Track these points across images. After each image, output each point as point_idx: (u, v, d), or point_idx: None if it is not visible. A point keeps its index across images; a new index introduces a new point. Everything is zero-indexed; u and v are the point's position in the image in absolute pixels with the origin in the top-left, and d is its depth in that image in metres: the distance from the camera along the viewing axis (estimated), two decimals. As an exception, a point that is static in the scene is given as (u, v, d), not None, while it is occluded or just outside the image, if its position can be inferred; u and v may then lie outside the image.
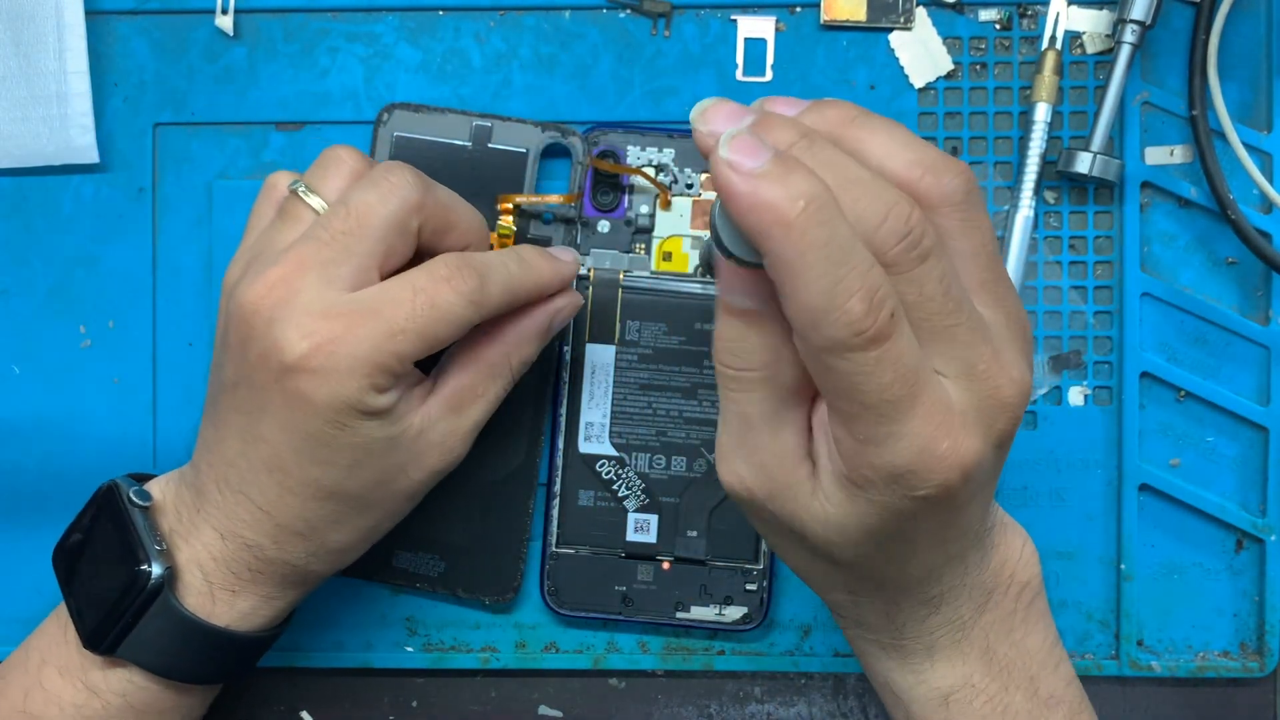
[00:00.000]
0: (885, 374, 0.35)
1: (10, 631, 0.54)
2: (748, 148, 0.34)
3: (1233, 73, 0.53)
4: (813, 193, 0.34)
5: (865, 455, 0.36)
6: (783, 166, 0.34)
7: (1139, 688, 0.54)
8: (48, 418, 0.54)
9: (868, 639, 0.45)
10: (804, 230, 0.34)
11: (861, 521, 0.38)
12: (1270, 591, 0.53)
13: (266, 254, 0.44)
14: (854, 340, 0.34)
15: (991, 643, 0.43)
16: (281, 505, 0.44)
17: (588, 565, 0.53)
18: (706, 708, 0.55)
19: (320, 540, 0.45)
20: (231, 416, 0.43)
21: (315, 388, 0.41)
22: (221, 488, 0.44)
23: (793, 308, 0.35)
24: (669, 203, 0.53)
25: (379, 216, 0.43)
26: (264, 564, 0.45)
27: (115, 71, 0.54)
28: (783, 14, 0.53)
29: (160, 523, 0.46)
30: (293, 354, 0.41)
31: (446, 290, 0.43)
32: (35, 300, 0.54)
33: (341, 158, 0.45)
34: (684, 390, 0.53)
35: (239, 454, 0.43)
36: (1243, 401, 0.53)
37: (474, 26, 0.54)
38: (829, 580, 0.43)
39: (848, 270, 0.34)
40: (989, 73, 0.53)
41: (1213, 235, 0.53)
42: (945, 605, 0.42)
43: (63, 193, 0.54)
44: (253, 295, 0.42)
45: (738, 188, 0.34)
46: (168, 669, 0.45)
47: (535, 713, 0.55)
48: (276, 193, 0.47)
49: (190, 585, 0.45)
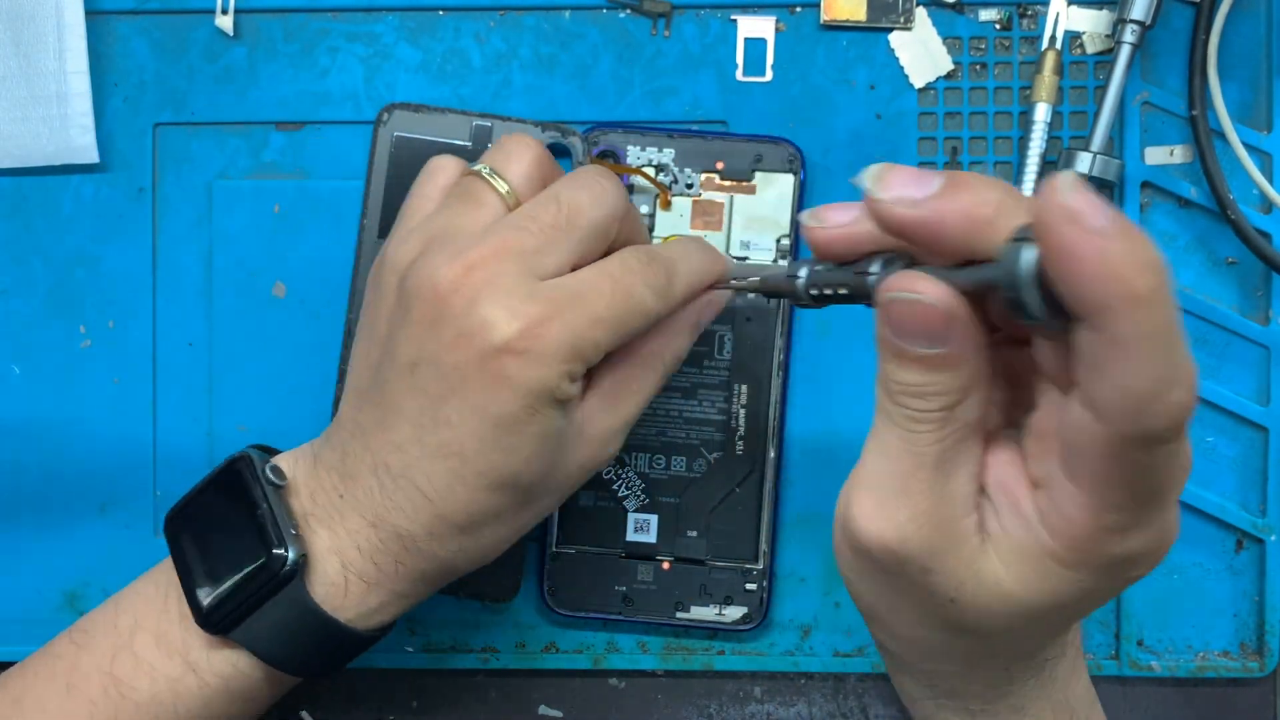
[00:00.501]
0: (1175, 465, 0.32)
1: (10, 631, 0.54)
2: (1091, 200, 0.29)
3: (1233, 73, 0.53)
4: (1160, 265, 0.29)
5: (1100, 541, 0.33)
6: (1129, 228, 0.29)
7: (1139, 688, 0.54)
8: (48, 418, 0.54)
9: (951, 707, 0.42)
10: (1151, 308, 0.29)
11: (1047, 596, 0.35)
12: (1270, 591, 0.53)
13: (453, 235, 0.42)
14: (1169, 433, 0.31)
15: (1066, 692, 0.42)
16: (449, 494, 0.42)
17: (588, 565, 0.53)
18: (706, 708, 0.55)
19: (475, 535, 0.43)
20: (406, 398, 0.41)
21: (518, 370, 0.40)
22: (380, 473, 0.42)
23: (1109, 389, 0.30)
24: (669, 203, 0.53)
25: (588, 218, 0.43)
26: (411, 556, 0.43)
27: (115, 71, 0.54)
28: (783, 14, 0.53)
29: (293, 504, 0.43)
30: (501, 335, 0.40)
31: (639, 283, 0.42)
32: (35, 300, 0.54)
33: (527, 143, 0.45)
34: (684, 390, 0.53)
35: (411, 438, 0.42)
36: (1243, 401, 0.53)
37: (474, 26, 0.54)
38: (947, 650, 0.39)
39: (1185, 358, 0.30)
40: (989, 73, 0.53)
41: (1213, 235, 0.53)
42: (1049, 667, 0.41)
43: (63, 193, 0.54)
44: (450, 275, 0.41)
45: (1084, 248, 0.28)
46: (278, 659, 0.43)
47: (535, 713, 0.55)
48: (443, 175, 0.46)
49: (323, 574, 0.43)
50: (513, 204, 0.44)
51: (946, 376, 0.34)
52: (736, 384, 0.53)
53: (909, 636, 0.39)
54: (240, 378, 0.54)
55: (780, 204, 0.53)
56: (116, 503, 0.54)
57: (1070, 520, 0.33)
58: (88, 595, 0.54)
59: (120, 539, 0.54)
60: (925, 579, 0.35)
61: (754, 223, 0.53)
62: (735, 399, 0.53)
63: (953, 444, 0.35)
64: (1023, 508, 0.34)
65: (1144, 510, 0.33)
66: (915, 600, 0.36)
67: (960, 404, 0.34)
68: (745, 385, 0.53)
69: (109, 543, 0.54)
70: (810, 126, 0.53)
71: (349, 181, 0.54)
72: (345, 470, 0.43)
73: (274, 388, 0.54)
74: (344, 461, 0.43)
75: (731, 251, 0.53)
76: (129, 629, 0.44)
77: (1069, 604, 0.35)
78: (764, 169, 0.53)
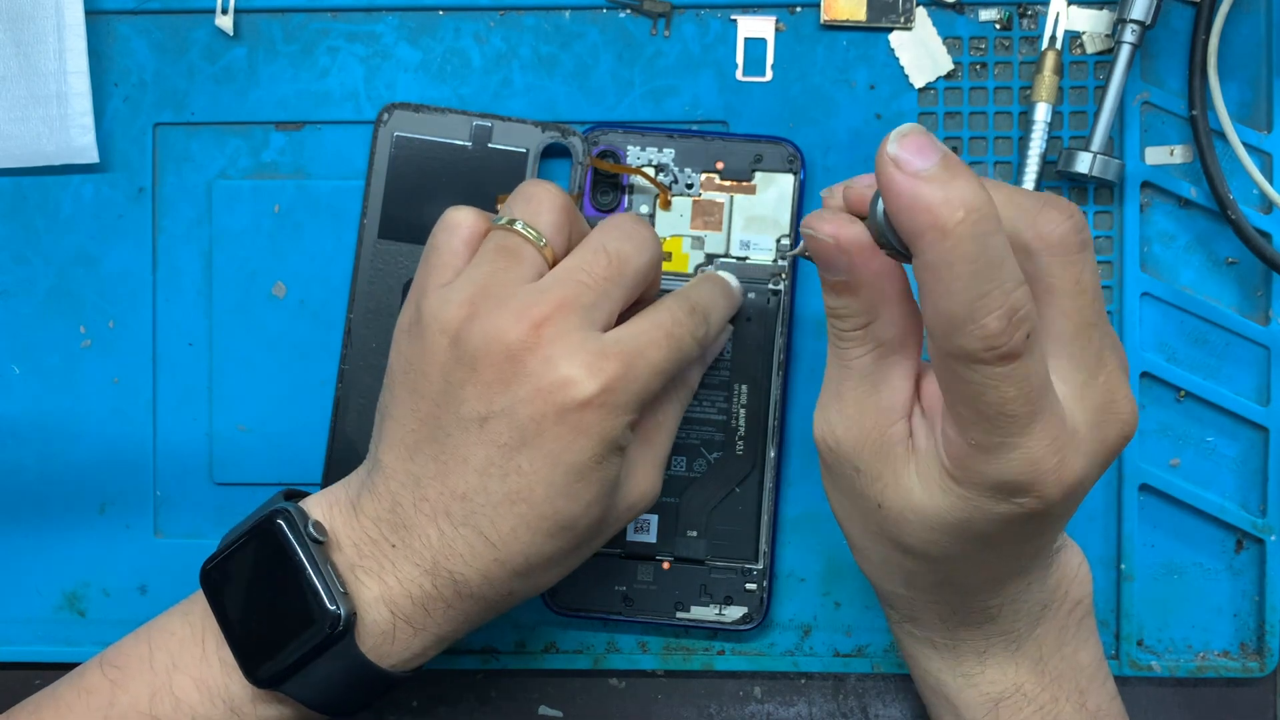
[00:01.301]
0: (1010, 390, 0.36)
1: (10, 631, 0.54)
2: (918, 147, 0.35)
3: (1233, 73, 0.53)
4: (975, 203, 0.34)
5: (973, 460, 0.37)
6: (949, 172, 0.34)
7: (1139, 688, 0.54)
8: (48, 418, 0.54)
9: (918, 637, 0.45)
10: (958, 240, 0.34)
11: (948, 513, 0.39)
12: (1270, 591, 0.53)
13: (505, 292, 0.44)
14: (985, 354, 0.35)
15: (1044, 654, 0.44)
16: (513, 539, 0.43)
17: (588, 565, 0.53)
18: (706, 708, 0.55)
19: (529, 579, 0.44)
20: (475, 450, 0.43)
21: (597, 422, 0.42)
22: (440, 520, 0.43)
23: (930, 311, 0.36)
24: (669, 203, 0.53)
25: (634, 267, 0.45)
26: (462, 600, 0.44)
27: (115, 71, 0.54)
28: (783, 14, 0.53)
29: (336, 558, 0.44)
30: (585, 391, 0.42)
31: (687, 334, 0.45)
32: (35, 300, 0.54)
33: (551, 191, 0.46)
34: (684, 390, 0.53)
35: (477, 487, 0.43)
36: (1243, 401, 0.53)
37: (474, 26, 0.54)
38: (889, 566, 0.43)
39: (993, 285, 0.34)
40: (989, 73, 0.53)
41: (1213, 235, 0.53)
42: (1002, 617, 0.43)
43: (63, 193, 0.54)
44: (519, 333, 0.42)
45: (899, 185, 0.35)
46: (324, 705, 0.44)
47: (535, 713, 0.55)
48: (465, 229, 0.46)
49: (372, 625, 0.44)
50: (548, 255, 0.45)
51: (851, 300, 0.40)
52: (736, 384, 0.53)
53: (862, 547, 0.43)
54: (240, 378, 0.54)
55: (780, 204, 0.53)
56: (116, 503, 0.54)
57: (950, 438, 0.38)
58: (88, 595, 0.54)
59: (120, 539, 0.54)
60: (858, 480, 0.41)
61: (754, 223, 0.53)
62: (735, 399, 0.53)
63: (874, 359, 0.41)
64: (937, 429, 0.39)
65: (998, 431, 0.36)
66: (856, 504, 0.42)
67: (871, 324, 0.40)
68: (745, 385, 0.53)
69: (109, 543, 0.54)
70: (810, 126, 0.53)
71: (349, 181, 0.54)
72: (398, 520, 0.44)
73: (274, 388, 0.54)
74: (394, 512, 0.44)
75: (731, 251, 0.53)
76: (165, 669, 0.45)
77: (963, 521, 0.39)
78: (764, 169, 0.53)
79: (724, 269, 0.52)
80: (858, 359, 0.41)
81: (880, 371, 0.41)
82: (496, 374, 0.43)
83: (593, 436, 0.43)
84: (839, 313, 0.41)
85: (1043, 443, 0.37)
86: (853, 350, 0.41)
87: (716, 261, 0.52)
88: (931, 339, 0.36)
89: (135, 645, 0.45)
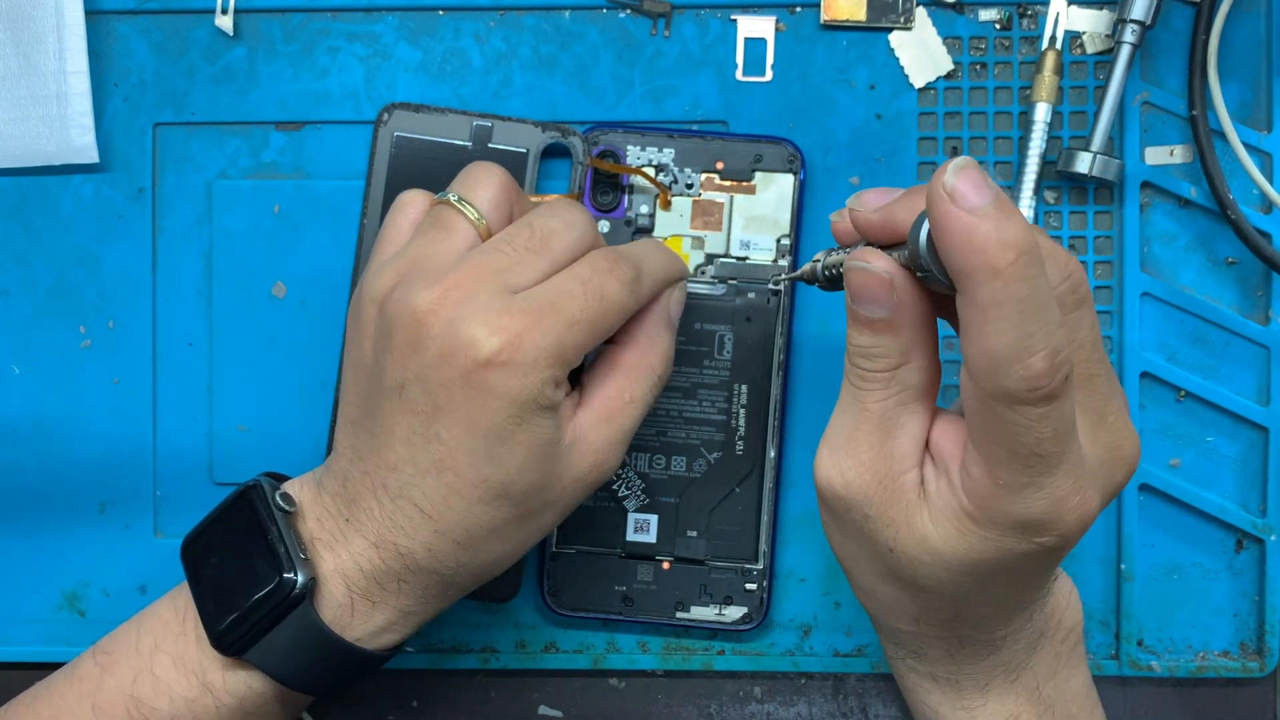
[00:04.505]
0: (1046, 430, 0.36)
1: (10, 632, 0.54)
2: (975, 182, 0.35)
3: (1233, 73, 0.53)
4: (1026, 244, 0.34)
5: (999, 499, 0.38)
6: (1003, 211, 0.34)
7: (1139, 688, 0.54)
8: (48, 418, 0.54)
9: (921, 672, 0.46)
10: (1008, 282, 0.34)
11: (965, 554, 0.39)
12: (1270, 591, 0.53)
13: (426, 263, 0.44)
14: (1028, 395, 0.35)
15: (1039, 682, 0.45)
16: (446, 508, 0.43)
17: (588, 565, 0.53)
18: (706, 708, 0.55)
19: (474, 551, 0.44)
20: (398, 420, 0.43)
21: (503, 380, 0.42)
22: (380, 494, 0.44)
23: (974, 350, 0.36)
24: (669, 203, 0.53)
25: (561, 241, 0.44)
26: (412, 574, 0.44)
27: (115, 71, 0.54)
28: (783, 14, 0.53)
29: (301, 529, 0.45)
30: (485, 350, 0.41)
31: (610, 280, 0.44)
32: (35, 300, 0.54)
33: (492, 170, 0.46)
34: (684, 390, 0.53)
35: (405, 458, 0.43)
36: (1243, 401, 0.53)
37: (474, 26, 0.54)
38: (898, 605, 0.43)
39: (1038, 327, 0.35)
40: (989, 73, 0.53)
41: (1213, 235, 0.53)
42: (1005, 647, 0.44)
43: (63, 193, 0.54)
44: (428, 298, 0.42)
45: (955, 222, 0.34)
46: (290, 678, 0.45)
47: (535, 713, 0.55)
48: (413, 208, 0.47)
49: (330, 596, 0.44)
50: (482, 230, 0.45)
51: (889, 340, 0.39)
52: (736, 384, 0.53)
53: (869, 588, 0.43)
54: (240, 378, 0.54)
55: (780, 204, 0.53)
56: (116, 503, 0.54)
57: (975, 479, 0.38)
58: (88, 595, 0.54)
59: (120, 539, 0.54)
60: (866, 525, 0.40)
61: (754, 223, 0.53)
62: (735, 399, 0.53)
63: (895, 405, 0.40)
64: (953, 472, 0.39)
65: (1028, 471, 0.37)
66: (864, 547, 0.41)
67: (901, 367, 0.40)
68: (745, 385, 0.53)
69: (109, 543, 0.54)
70: (810, 126, 0.53)
71: (349, 181, 0.54)
72: (347, 495, 0.45)
73: (274, 388, 0.54)
74: (345, 487, 0.45)
75: (732, 251, 0.53)
76: (149, 650, 0.46)
77: (980, 561, 0.39)
78: (764, 169, 0.53)
79: (724, 269, 0.52)
80: (878, 402, 0.40)
81: (897, 418, 0.40)
82: (406, 340, 0.42)
83: (502, 397, 0.42)
84: (869, 352, 0.40)
85: (1068, 482, 0.37)
86: (875, 393, 0.40)
87: (717, 261, 0.52)
88: (972, 378, 0.36)
89: (125, 632, 0.47)
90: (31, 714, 0.46)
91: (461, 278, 0.43)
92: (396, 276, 0.44)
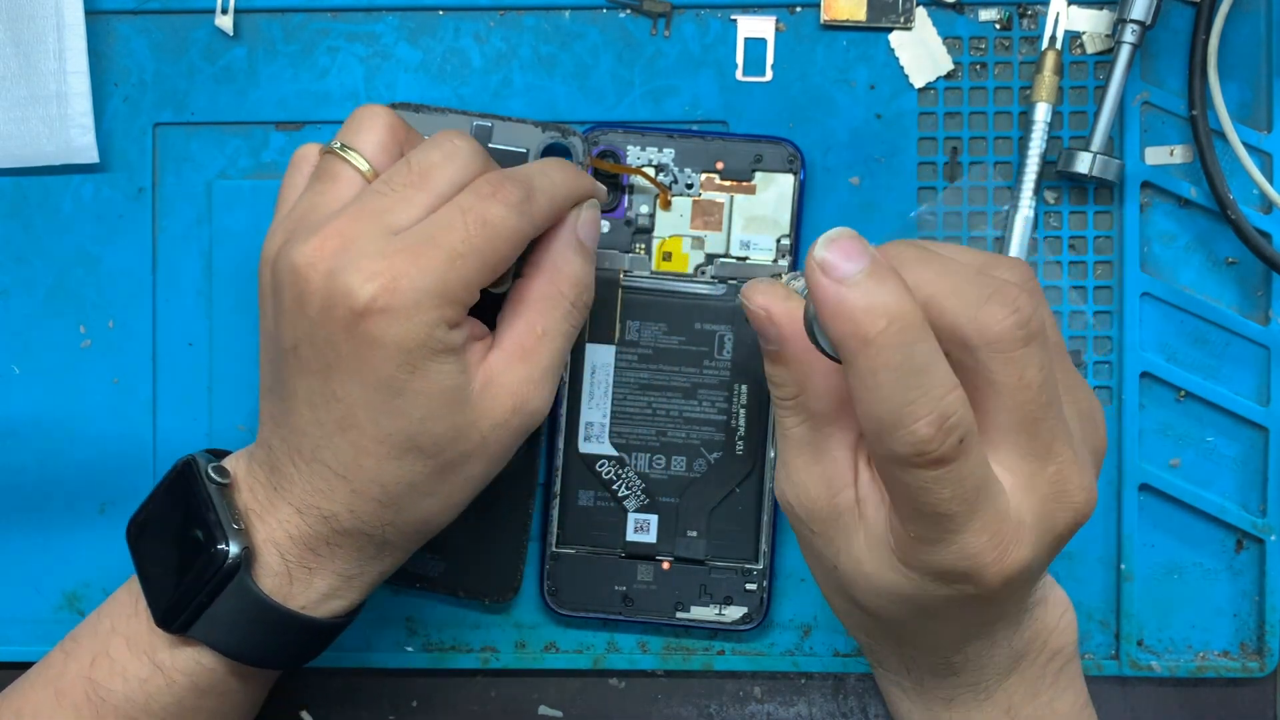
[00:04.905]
0: (945, 491, 0.35)
1: (10, 631, 0.54)
2: (845, 250, 0.34)
3: (1233, 73, 0.53)
4: (897, 311, 0.34)
5: (914, 550, 0.37)
6: (874, 279, 0.34)
7: (1139, 688, 0.54)
8: (48, 418, 0.54)
9: (889, 678, 0.45)
10: (880, 350, 0.34)
11: (895, 588, 0.39)
12: (1270, 591, 0.53)
13: (312, 216, 0.43)
14: (916, 460, 0.35)
15: (1014, 703, 0.43)
16: (357, 467, 0.42)
17: (588, 565, 0.53)
18: (706, 708, 0.55)
19: (397, 509, 0.43)
20: (297, 381, 0.42)
21: (386, 328, 0.40)
22: (296, 460, 0.43)
23: (861, 413, 0.35)
24: (669, 203, 0.53)
25: (443, 174, 0.42)
26: (340, 536, 0.43)
27: (115, 71, 0.54)
28: (783, 14, 0.53)
29: (236, 500, 0.44)
30: (361, 298, 0.40)
31: (494, 204, 0.42)
32: (35, 300, 0.54)
33: (377, 111, 0.44)
34: (684, 390, 0.53)
35: (310, 420, 0.42)
36: (1243, 401, 0.53)
37: (474, 26, 0.54)
38: (851, 618, 0.43)
39: (920, 394, 0.34)
40: (989, 73, 0.53)
41: (1213, 235, 0.53)
42: (966, 671, 0.43)
43: (63, 193, 0.54)
44: (306, 251, 0.41)
45: (824, 293, 0.34)
46: (238, 651, 0.44)
47: (535, 713, 0.55)
48: (307, 164, 0.46)
49: (268, 566, 0.43)
50: (370, 177, 0.43)
51: (783, 370, 0.40)
52: (736, 384, 0.53)
53: (827, 596, 0.43)
54: (240, 378, 0.54)
55: (780, 204, 0.53)
56: (116, 503, 0.54)
57: (894, 524, 0.38)
58: (88, 595, 0.54)
59: (120, 539, 0.54)
60: (815, 540, 0.41)
61: (754, 223, 0.53)
62: (735, 399, 0.53)
63: (809, 430, 0.40)
64: (885, 498, 0.39)
65: (935, 528, 0.36)
66: (817, 560, 0.42)
67: (800, 397, 0.40)
68: (745, 385, 0.53)
69: (109, 543, 0.54)
70: (810, 126, 0.53)
71: (349, 181, 0.54)
72: (271, 464, 0.44)
73: (274, 388, 0.54)
74: (270, 456, 0.44)
75: (732, 251, 0.53)
76: (106, 634, 0.46)
77: (910, 596, 0.38)
78: (764, 169, 0.53)
79: (724, 269, 0.52)
80: (793, 429, 0.41)
81: (818, 442, 0.40)
82: (292, 299, 0.41)
83: (388, 345, 0.40)
84: (773, 380, 0.41)
85: (981, 538, 0.36)
86: (788, 419, 0.41)
87: (717, 261, 0.52)
88: (866, 440, 0.36)
89: (90, 618, 0.47)
90: (4, 706, 0.46)
91: (340, 225, 0.41)
92: (285, 235, 0.43)
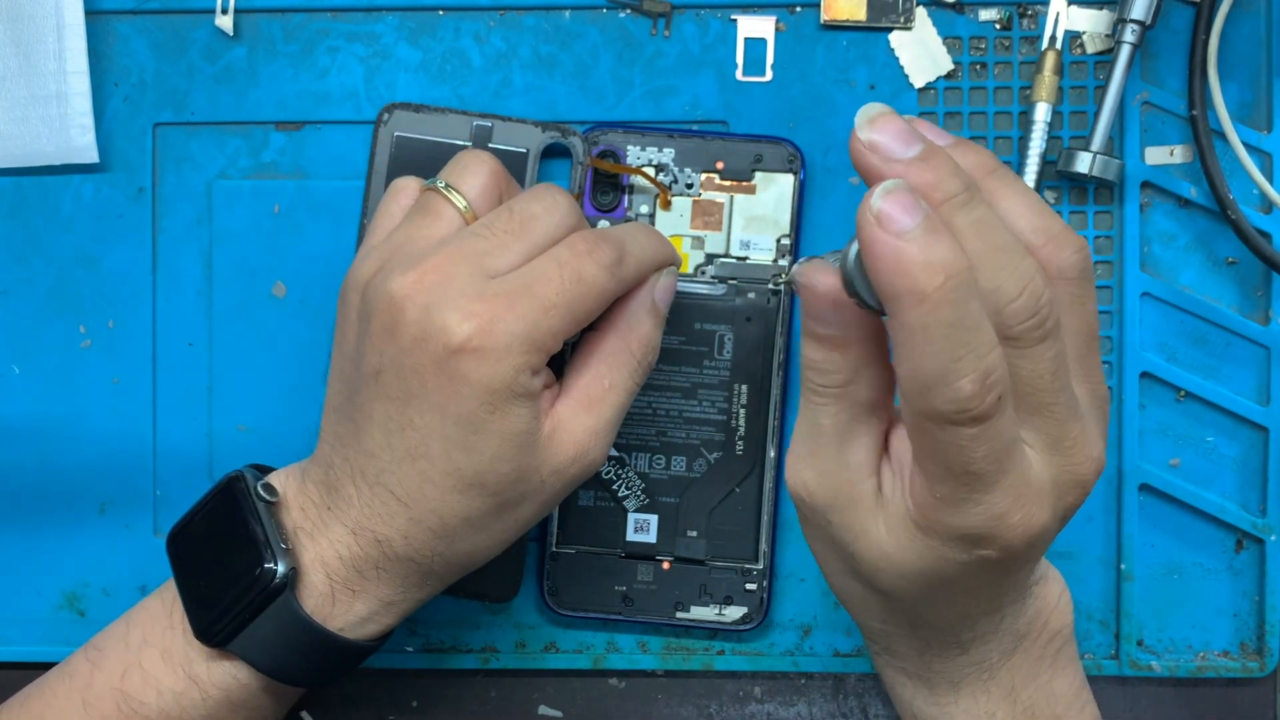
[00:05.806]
0: (979, 450, 0.36)
1: (10, 632, 0.54)
2: (902, 204, 0.34)
3: (1233, 73, 0.53)
4: (954, 268, 0.34)
5: (939, 512, 0.38)
6: (931, 234, 0.34)
7: (1139, 688, 0.54)
8: (48, 418, 0.54)
9: (895, 666, 0.46)
10: (936, 305, 0.34)
11: (916, 561, 0.39)
12: (1270, 591, 0.53)
13: (409, 247, 0.44)
14: (957, 416, 0.35)
15: (1017, 684, 0.44)
16: (420, 496, 0.43)
17: (588, 565, 0.53)
18: (706, 708, 0.55)
19: (450, 541, 0.44)
20: (375, 406, 0.43)
21: (475, 367, 0.41)
22: (358, 481, 0.44)
23: (904, 370, 0.35)
24: (669, 203, 0.53)
25: (542, 225, 0.44)
26: (390, 562, 0.44)
27: (115, 71, 0.54)
28: (783, 14, 0.53)
29: (284, 519, 0.45)
30: (456, 336, 0.41)
31: (589, 262, 0.43)
32: (35, 300, 0.54)
33: (482, 158, 0.46)
34: (684, 390, 0.53)
35: (381, 444, 0.43)
36: (1243, 401, 0.53)
37: (474, 26, 0.54)
38: (865, 604, 0.43)
39: (967, 350, 0.34)
40: (989, 73, 0.53)
41: (1213, 235, 0.53)
42: (974, 649, 0.43)
43: (63, 193, 0.54)
44: (406, 283, 0.42)
45: (881, 247, 0.34)
46: (275, 669, 0.44)
47: (535, 713, 0.55)
48: (405, 195, 0.47)
49: (312, 586, 0.44)
50: (470, 218, 0.45)
51: (838, 357, 0.39)
52: (736, 384, 0.53)
53: (839, 586, 0.44)
54: (240, 378, 0.54)
55: (780, 204, 0.53)
56: (116, 503, 0.54)
57: (917, 490, 0.38)
58: (88, 595, 0.54)
59: (120, 539, 0.54)
60: (830, 529, 0.41)
61: (754, 223, 0.53)
62: (735, 399, 0.53)
63: (848, 419, 0.40)
64: (905, 478, 0.39)
65: (964, 487, 0.37)
66: (831, 549, 0.42)
67: (851, 384, 0.39)
68: (745, 385, 0.53)
69: (109, 543, 0.54)
70: (810, 126, 0.53)
71: (349, 181, 0.54)
72: (329, 484, 0.45)
73: (274, 388, 0.54)
74: (327, 474, 0.45)
75: (732, 251, 0.53)
76: (138, 645, 0.46)
77: (930, 568, 0.39)
78: (764, 169, 0.53)
79: (724, 269, 0.52)
80: (830, 418, 0.40)
81: (851, 431, 0.40)
82: (383, 325, 0.42)
83: (474, 384, 0.41)
84: (819, 367, 0.40)
85: (1007, 498, 0.37)
86: (828, 408, 0.40)
87: (717, 261, 0.53)
88: (904, 397, 0.36)
89: (116, 627, 0.47)
90: (25, 712, 0.46)
91: (439, 262, 0.42)
92: (380, 262, 0.44)
